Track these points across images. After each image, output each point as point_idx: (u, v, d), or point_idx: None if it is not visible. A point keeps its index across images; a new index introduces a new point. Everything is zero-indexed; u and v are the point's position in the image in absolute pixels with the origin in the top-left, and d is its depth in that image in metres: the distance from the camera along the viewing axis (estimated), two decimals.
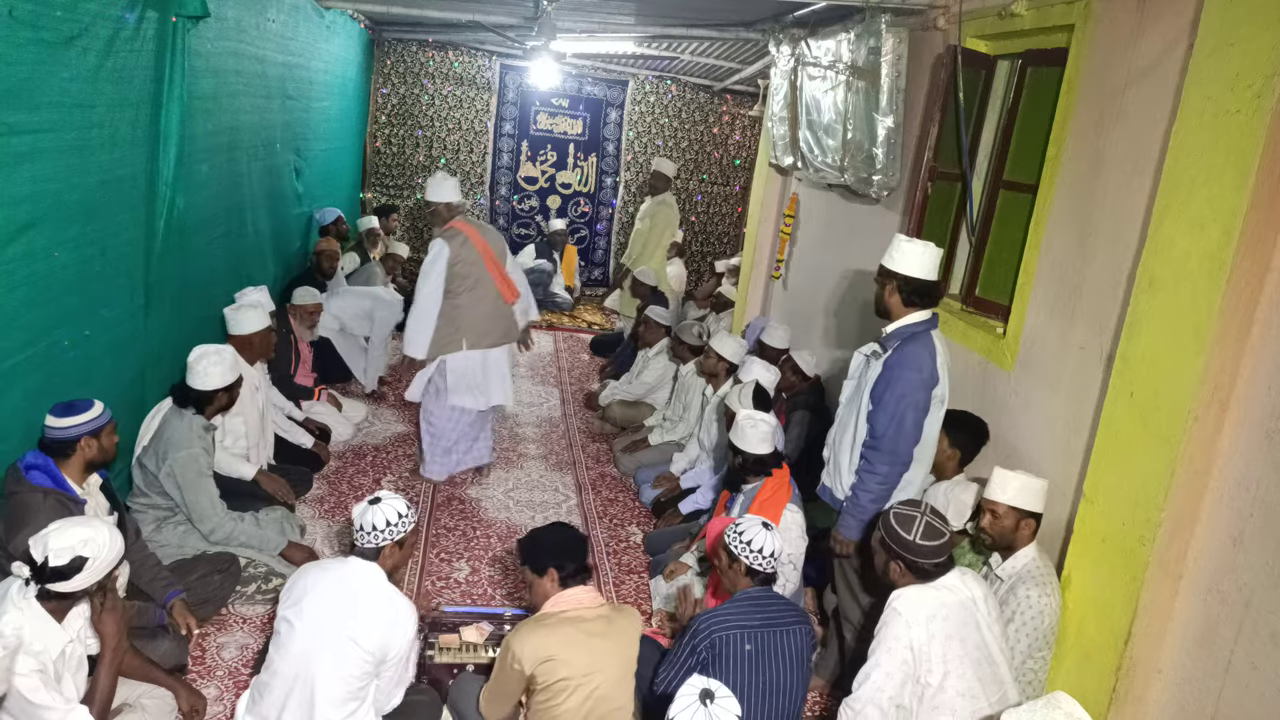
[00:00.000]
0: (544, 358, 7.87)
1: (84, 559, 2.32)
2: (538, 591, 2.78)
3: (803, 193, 6.23)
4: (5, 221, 2.76)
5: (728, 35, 6.38)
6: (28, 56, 2.73)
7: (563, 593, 2.73)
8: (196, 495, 3.55)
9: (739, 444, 3.65)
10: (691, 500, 4.76)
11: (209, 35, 4.16)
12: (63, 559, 2.30)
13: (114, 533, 2.45)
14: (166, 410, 3.64)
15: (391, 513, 2.72)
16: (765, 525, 2.92)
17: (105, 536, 2.39)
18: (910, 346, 3.07)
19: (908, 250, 3.10)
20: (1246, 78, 2.35)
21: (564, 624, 2.65)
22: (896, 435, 3.06)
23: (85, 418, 2.90)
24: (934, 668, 2.47)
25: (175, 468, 3.50)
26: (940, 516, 2.65)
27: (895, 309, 3.16)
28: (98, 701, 2.45)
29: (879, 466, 3.09)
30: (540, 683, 2.59)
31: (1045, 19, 3.53)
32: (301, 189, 6.58)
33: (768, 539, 2.87)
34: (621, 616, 2.78)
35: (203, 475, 3.59)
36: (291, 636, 2.61)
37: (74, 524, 2.39)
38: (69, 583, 2.33)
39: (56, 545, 2.30)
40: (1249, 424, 2.42)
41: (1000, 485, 2.92)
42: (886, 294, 3.17)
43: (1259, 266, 2.38)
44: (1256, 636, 2.33)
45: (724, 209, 10.21)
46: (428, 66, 9.26)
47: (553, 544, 2.78)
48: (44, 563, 2.29)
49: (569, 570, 2.74)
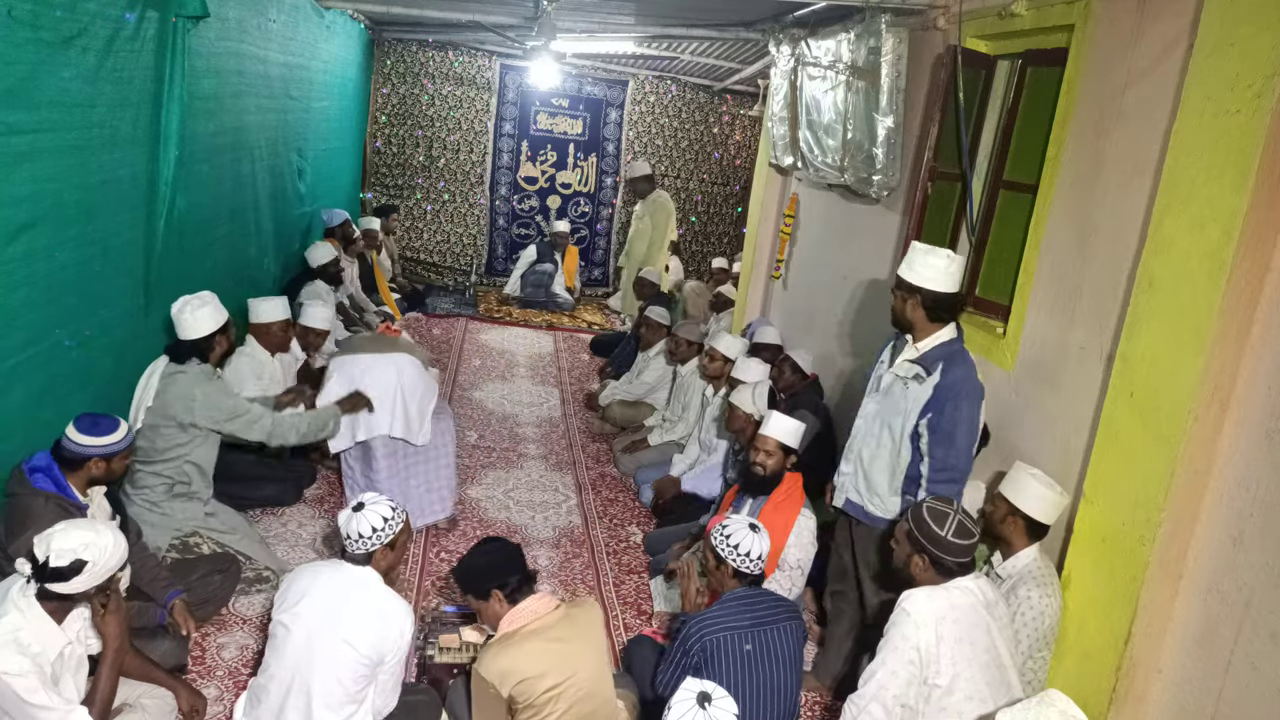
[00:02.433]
0: (544, 358, 7.87)
1: (84, 562, 2.32)
2: (489, 615, 2.69)
3: (803, 193, 6.23)
4: (6, 221, 2.76)
5: (728, 35, 6.38)
6: (27, 56, 2.73)
7: (514, 609, 2.64)
8: (239, 417, 3.58)
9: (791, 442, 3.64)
10: (691, 479, 4.79)
11: (209, 35, 4.16)
12: (63, 560, 2.30)
13: (118, 538, 2.44)
14: (164, 369, 3.55)
15: (376, 518, 2.68)
16: (752, 527, 2.90)
17: (108, 541, 2.38)
18: (959, 370, 2.98)
19: (931, 263, 2.98)
20: (1246, 78, 2.35)
21: (527, 640, 2.58)
22: (966, 461, 3.02)
23: (103, 441, 2.88)
24: (942, 669, 2.46)
25: (204, 406, 3.49)
26: (970, 517, 2.64)
27: (920, 325, 3.05)
28: (98, 702, 2.45)
29: (952, 491, 2.99)
30: (521, 702, 2.52)
31: (1045, 19, 3.53)
32: (304, 189, 6.58)
33: (755, 541, 2.85)
34: (581, 611, 2.73)
35: (234, 396, 3.65)
36: (287, 640, 2.61)
37: (79, 526, 2.39)
38: (67, 585, 2.33)
39: (59, 546, 2.30)
40: (1249, 424, 2.42)
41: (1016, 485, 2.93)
42: (909, 309, 3.05)
43: (1259, 266, 2.38)
44: (1256, 636, 2.33)
45: (724, 209, 10.21)
46: (428, 66, 9.25)
47: (486, 565, 2.69)
48: (45, 562, 2.30)
49: (512, 585, 2.65)
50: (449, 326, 8.40)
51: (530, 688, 2.51)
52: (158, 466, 3.53)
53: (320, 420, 3.89)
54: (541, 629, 2.61)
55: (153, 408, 3.49)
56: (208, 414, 3.52)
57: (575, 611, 2.71)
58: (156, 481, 3.54)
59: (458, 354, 7.60)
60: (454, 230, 9.76)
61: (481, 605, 2.70)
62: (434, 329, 8.23)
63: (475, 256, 9.84)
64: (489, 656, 2.57)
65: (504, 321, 8.78)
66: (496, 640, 2.64)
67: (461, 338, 8.10)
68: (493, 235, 9.88)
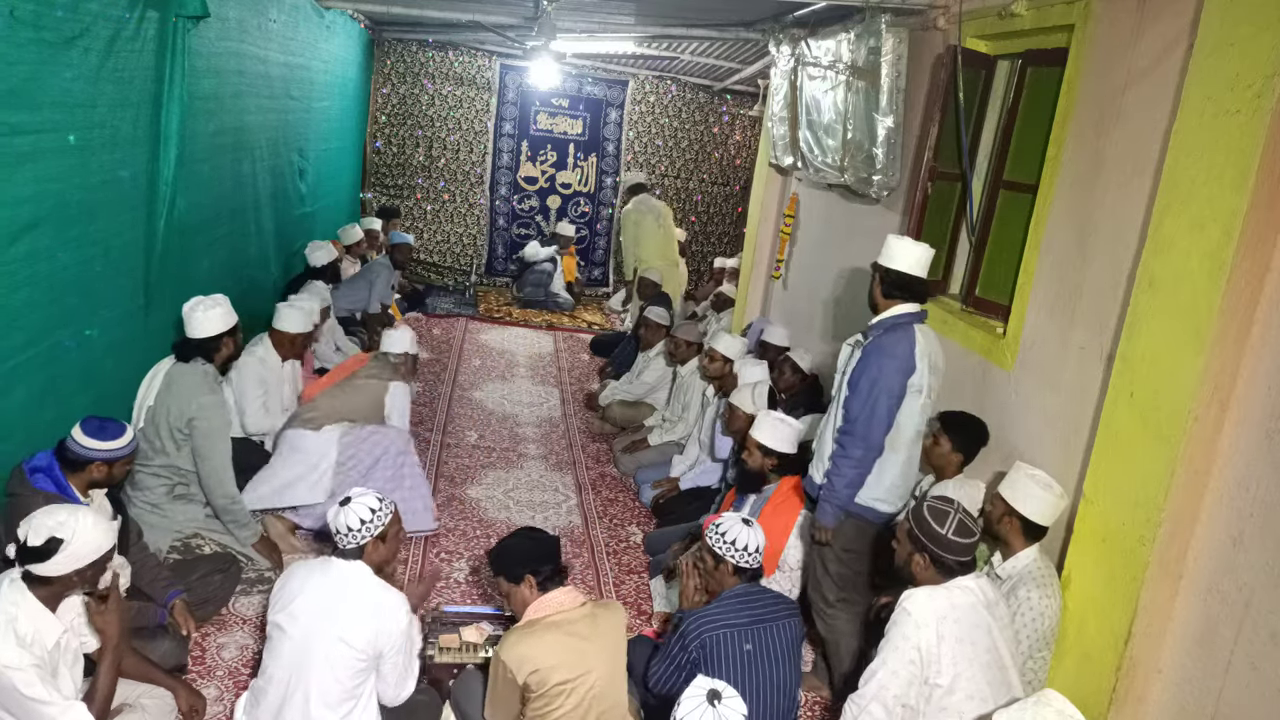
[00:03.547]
0: (544, 358, 7.88)
1: (58, 540, 2.32)
2: (516, 600, 2.74)
3: (803, 193, 6.23)
4: (8, 222, 2.76)
5: (728, 35, 6.39)
6: (29, 57, 2.74)
7: (543, 597, 2.70)
8: (215, 445, 3.48)
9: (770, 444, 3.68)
10: (691, 478, 4.79)
11: (210, 35, 4.17)
12: (39, 538, 2.31)
13: (98, 522, 2.44)
14: (169, 368, 3.54)
15: (364, 510, 2.68)
16: (745, 521, 2.93)
17: (86, 523, 2.38)
18: (889, 336, 3.17)
19: (894, 246, 3.23)
20: (1246, 78, 2.35)
21: (549, 629, 2.62)
22: (869, 420, 3.13)
23: (108, 446, 2.88)
24: (943, 669, 2.46)
25: (200, 413, 3.42)
26: (971, 516, 2.65)
27: (878, 300, 3.27)
28: (98, 701, 2.45)
29: (852, 451, 3.16)
30: (534, 690, 2.56)
31: (1045, 19, 3.53)
32: (305, 189, 6.59)
33: (750, 535, 2.88)
34: (606, 612, 2.75)
35: (227, 425, 3.54)
36: (283, 640, 2.61)
37: (58, 509, 2.41)
38: (46, 565, 2.32)
39: (36, 525, 2.32)
40: (1249, 424, 2.42)
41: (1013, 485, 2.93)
42: (872, 286, 3.30)
43: (1259, 266, 2.38)
44: (1256, 636, 2.33)
45: (724, 209, 10.21)
46: (428, 66, 9.26)
47: (524, 550, 2.75)
48: (24, 543, 2.32)
49: (545, 574, 2.71)
50: (449, 326, 8.40)
51: (543, 678, 2.55)
52: (157, 468, 3.53)
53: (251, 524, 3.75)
54: (564, 622, 2.65)
55: (153, 407, 3.49)
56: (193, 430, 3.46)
57: (600, 611, 2.74)
58: (156, 483, 3.53)
59: (458, 354, 7.60)
60: (454, 230, 9.77)
61: (511, 589, 2.74)
62: (434, 329, 8.23)
63: (475, 256, 9.85)
64: (510, 641, 2.62)
65: (504, 321, 8.79)
66: (520, 626, 2.69)
67: (461, 338, 8.11)
68: (493, 235, 9.88)
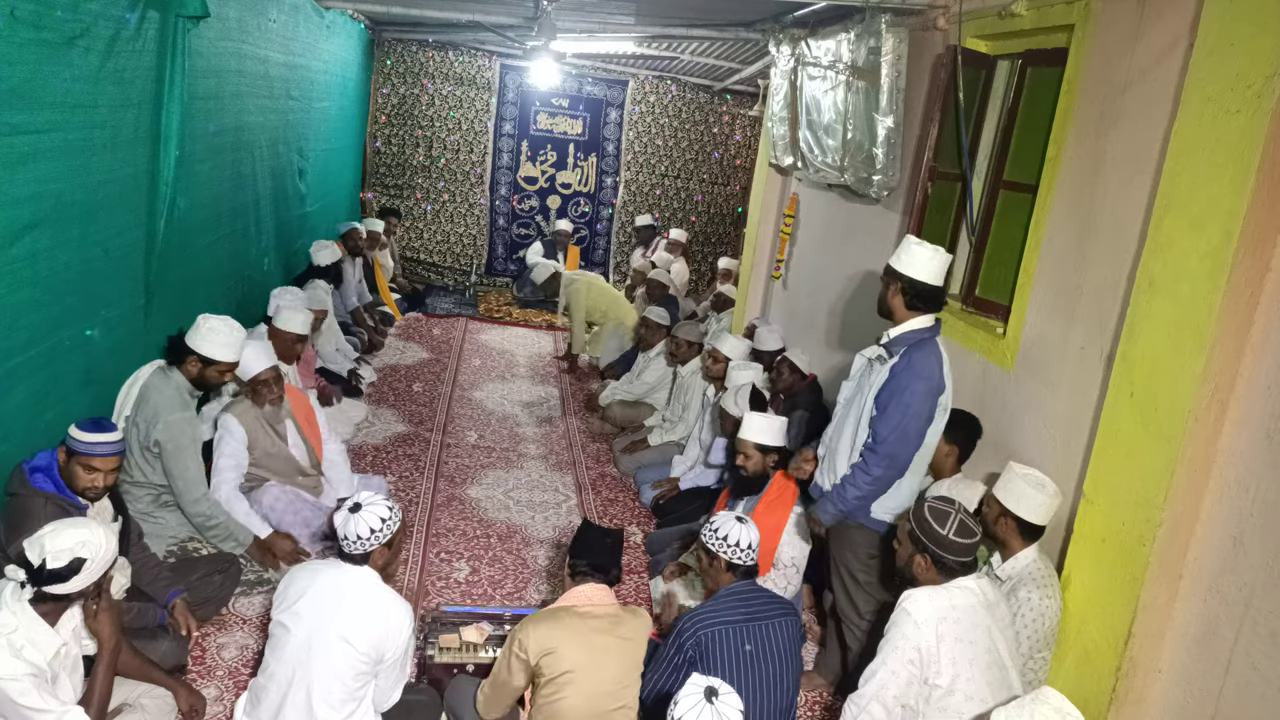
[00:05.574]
0: (544, 358, 7.88)
1: (82, 560, 2.31)
2: (563, 583, 2.90)
3: (803, 193, 6.23)
4: (9, 222, 2.76)
5: (728, 35, 6.39)
6: (30, 57, 2.74)
7: (575, 588, 2.81)
8: (184, 464, 3.42)
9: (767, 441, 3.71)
10: (691, 478, 4.79)
11: (210, 35, 4.17)
12: (61, 561, 2.29)
13: (108, 532, 2.44)
14: (149, 375, 3.50)
15: (374, 519, 2.68)
16: (739, 519, 2.95)
17: (101, 537, 2.38)
18: (919, 354, 3.06)
19: (917, 253, 3.09)
20: (1246, 78, 2.35)
21: (571, 617, 2.70)
22: (899, 443, 3.07)
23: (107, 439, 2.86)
24: (943, 670, 2.46)
25: (165, 433, 3.36)
26: (972, 517, 2.65)
27: (898, 311, 3.14)
28: (95, 703, 2.45)
29: (874, 469, 3.10)
30: (544, 675, 2.62)
31: (1045, 19, 3.53)
32: (305, 189, 6.59)
33: (743, 532, 2.90)
34: (631, 617, 2.80)
35: (195, 442, 3.49)
36: (287, 640, 2.62)
37: (68, 525, 2.38)
38: (67, 584, 2.31)
39: (54, 547, 2.29)
40: (1249, 424, 2.42)
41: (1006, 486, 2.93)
42: (890, 294, 3.15)
43: (1259, 266, 2.38)
44: (1256, 636, 2.33)
45: (724, 209, 10.21)
46: (428, 66, 9.26)
47: (583, 541, 2.88)
48: (41, 565, 2.28)
49: (579, 567, 2.83)
50: (449, 326, 8.40)
51: (553, 664, 2.61)
52: (138, 477, 3.49)
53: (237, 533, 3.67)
54: (587, 615, 2.72)
55: (130, 417, 3.45)
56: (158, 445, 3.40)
57: (626, 616, 2.79)
58: (141, 493, 3.50)
59: (458, 354, 7.60)
60: (454, 230, 9.77)
61: (564, 573, 2.90)
62: (434, 329, 8.24)
63: (475, 256, 9.85)
64: (533, 621, 2.70)
65: (504, 321, 8.79)
66: (548, 609, 2.81)
67: (461, 338, 8.11)
68: (493, 235, 9.88)
